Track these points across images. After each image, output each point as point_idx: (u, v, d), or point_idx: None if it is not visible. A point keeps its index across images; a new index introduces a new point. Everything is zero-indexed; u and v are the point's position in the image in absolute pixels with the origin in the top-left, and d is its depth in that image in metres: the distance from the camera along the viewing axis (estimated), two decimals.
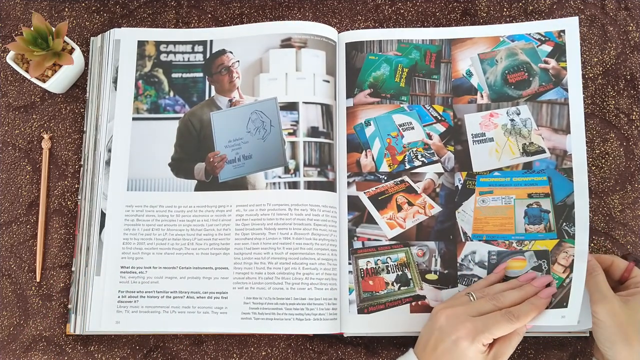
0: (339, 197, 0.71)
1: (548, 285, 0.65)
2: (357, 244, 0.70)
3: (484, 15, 0.77)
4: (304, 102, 0.72)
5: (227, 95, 0.74)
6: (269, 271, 0.68)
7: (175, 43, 0.76)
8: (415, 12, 0.78)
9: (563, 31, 0.72)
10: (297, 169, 0.71)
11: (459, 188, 0.71)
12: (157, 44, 0.76)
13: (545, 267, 0.67)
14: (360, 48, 0.75)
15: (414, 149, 0.72)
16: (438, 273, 0.69)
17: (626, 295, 0.61)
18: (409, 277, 0.69)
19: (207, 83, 0.74)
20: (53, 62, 0.69)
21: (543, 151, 0.70)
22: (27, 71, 0.70)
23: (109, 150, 0.72)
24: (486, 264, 0.68)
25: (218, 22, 0.78)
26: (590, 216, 0.71)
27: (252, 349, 0.69)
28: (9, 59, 0.71)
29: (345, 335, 0.69)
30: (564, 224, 0.68)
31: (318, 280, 0.68)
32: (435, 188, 0.71)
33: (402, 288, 0.69)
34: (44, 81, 0.71)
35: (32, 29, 0.68)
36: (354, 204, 0.71)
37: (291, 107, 0.72)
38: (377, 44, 0.75)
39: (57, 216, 0.72)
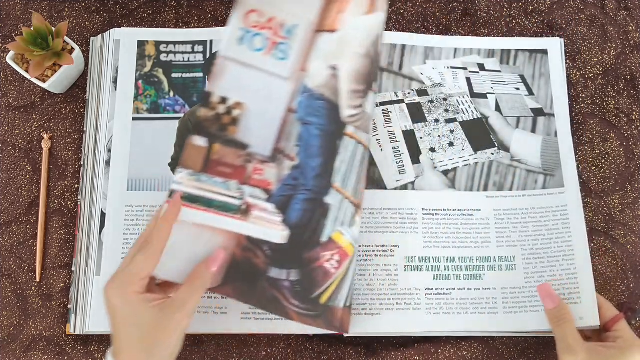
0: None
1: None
2: None
3: (484, 15, 0.77)
4: None
5: None
6: None
7: (175, 43, 0.76)
8: (415, 12, 0.78)
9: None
10: None
11: None
12: (157, 44, 0.76)
13: None
14: None
15: None
16: None
17: (600, 347, 0.59)
18: None
19: (207, 83, 0.74)
20: (53, 62, 0.69)
21: None
22: (27, 71, 0.70)
23: (109, 150, 0.72)
24: None
25: (218, 22, 0.78)
26: (590, 216, 0.71)
27: (252, 349, 0.69)
28: (9, 59, 0.71)
29: (345, 336, 0.69)
30: None
31: None
32: None
33: None
34: (44, 81, 0.71)
35: (32, 29, 0.68)
36: None
37: None
38: None
39: (57, 216, 0.72)
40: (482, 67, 0.76)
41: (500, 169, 0.72)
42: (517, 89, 0.75)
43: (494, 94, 0.75)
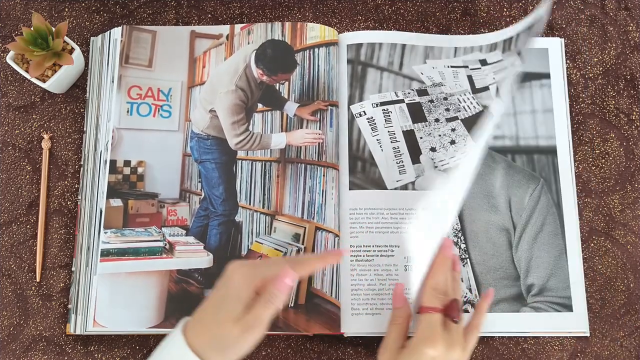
0: None
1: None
2: None
3: (484, 15, 0.77)
4: None
5: None
6: None
7: None
8: (415, 12, 0.78)
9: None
10: None
11: None
12: None
13: None
14: None
15: None
16: None
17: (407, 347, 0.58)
18: None
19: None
20: (53, 62, 0.69)
21: None
22: (27, 71, 0.70)
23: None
24: None
25: (218, 22, 0.77)
26: (590, 216, 0.71)
27: None
28: (9, 59, 0.71)
29: (345, 335, 0.69)
30: None
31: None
32: None
33: None
34: (44, 81, 0.71)
35: (32, 29, 0.68)
36: None
37: None
38: None
39: (57, 216, 0.72)
40: (484, 62, 0.75)
41: None
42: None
43: (495, 82, 0.74)
